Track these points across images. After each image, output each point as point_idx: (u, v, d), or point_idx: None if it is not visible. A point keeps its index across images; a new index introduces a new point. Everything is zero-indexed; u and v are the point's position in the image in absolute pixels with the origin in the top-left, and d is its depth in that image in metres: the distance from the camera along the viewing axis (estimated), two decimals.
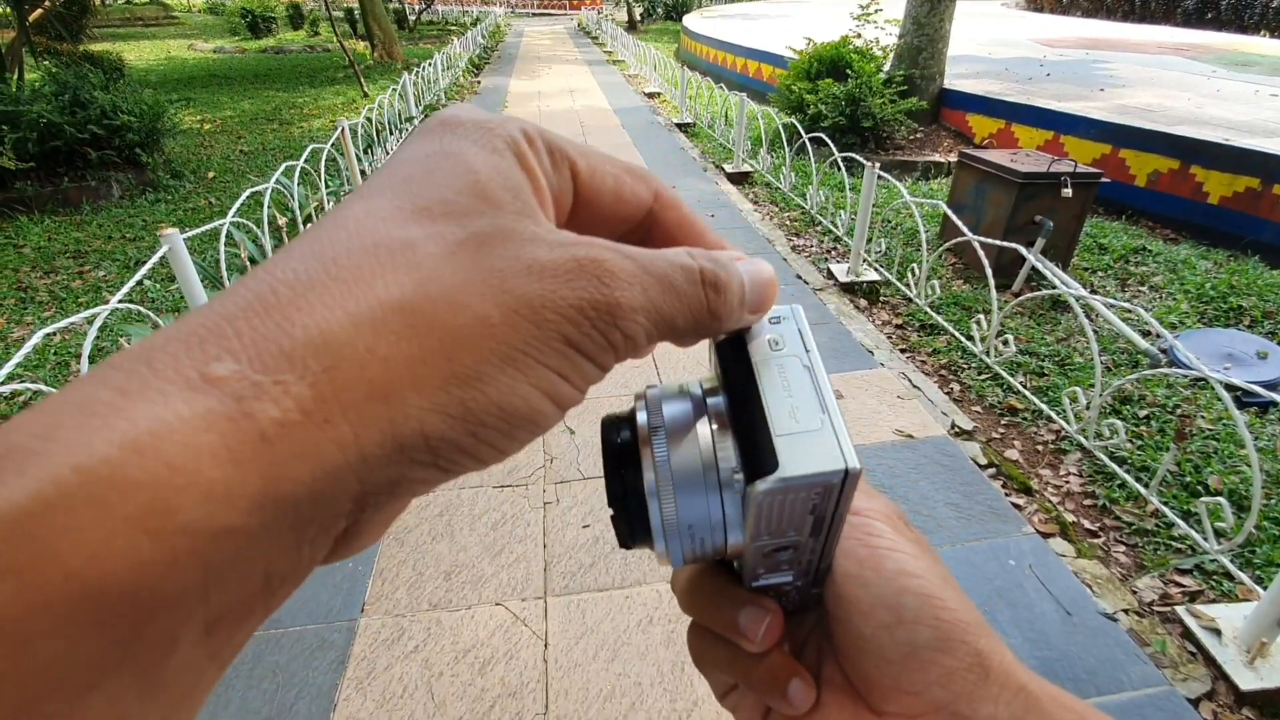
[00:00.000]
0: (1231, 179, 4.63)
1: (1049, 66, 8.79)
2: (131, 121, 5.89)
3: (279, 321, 0.15)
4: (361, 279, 0.16)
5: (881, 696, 0.27)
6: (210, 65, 14.93)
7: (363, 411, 0.15)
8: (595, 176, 0.24)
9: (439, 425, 0.16)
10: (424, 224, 0.18)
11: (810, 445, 0.23)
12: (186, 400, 0.14)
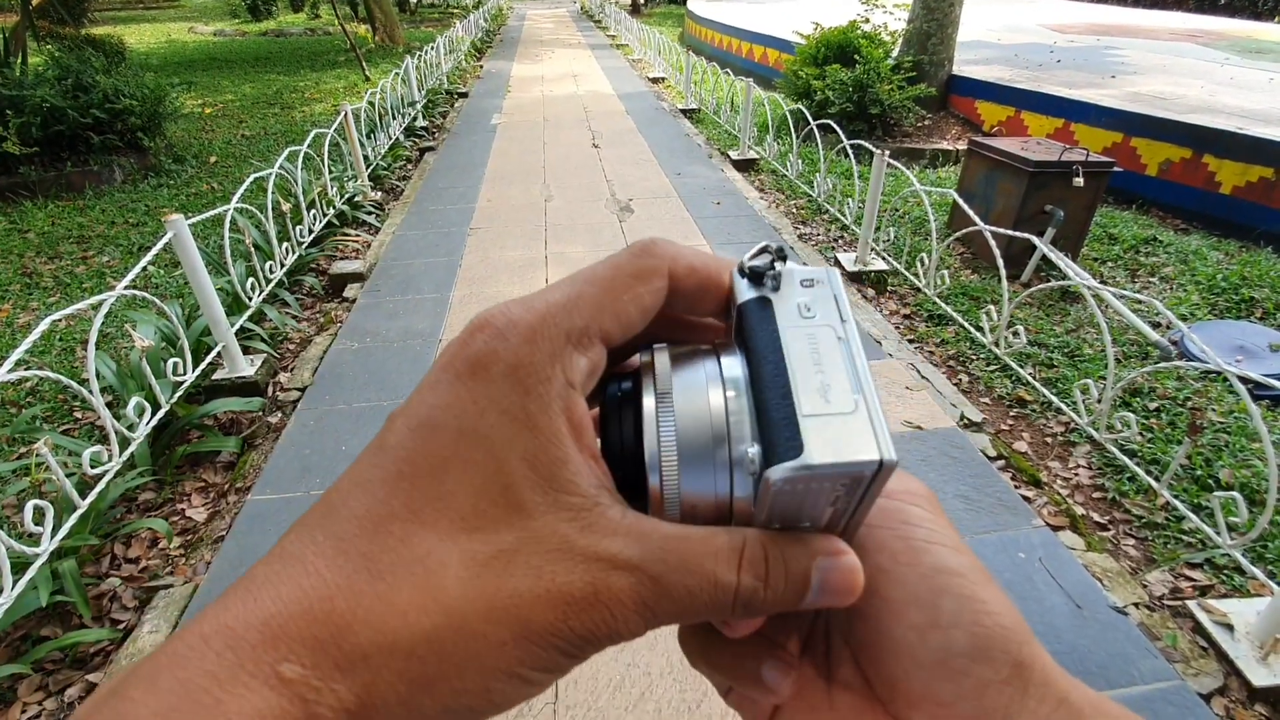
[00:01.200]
0: (1244, 169, 4.57)
1: (1059, 53, 8.69)
2: (133, 105, 5.85)
3: (333, 634, 0.19)
4: (399, 599, 0.20)
5: (906, 703, 0.25)
6: (211, 48, 14.82)
7: (392, 712, 0.19)
8: (627, 326, 0.25)
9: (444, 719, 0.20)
10: (456, 539, 0.21)
11: (841, 430, 0.20)
12: (266, 699, 0.18)
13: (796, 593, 0.23)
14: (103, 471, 2.13)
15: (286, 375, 3.11)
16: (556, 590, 0.20)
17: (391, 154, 6.19)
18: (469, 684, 0.20)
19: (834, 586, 0.23)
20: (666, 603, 0.22)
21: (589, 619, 0.21)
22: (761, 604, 0.23)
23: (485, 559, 0.20)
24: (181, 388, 2.61)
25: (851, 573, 0.23)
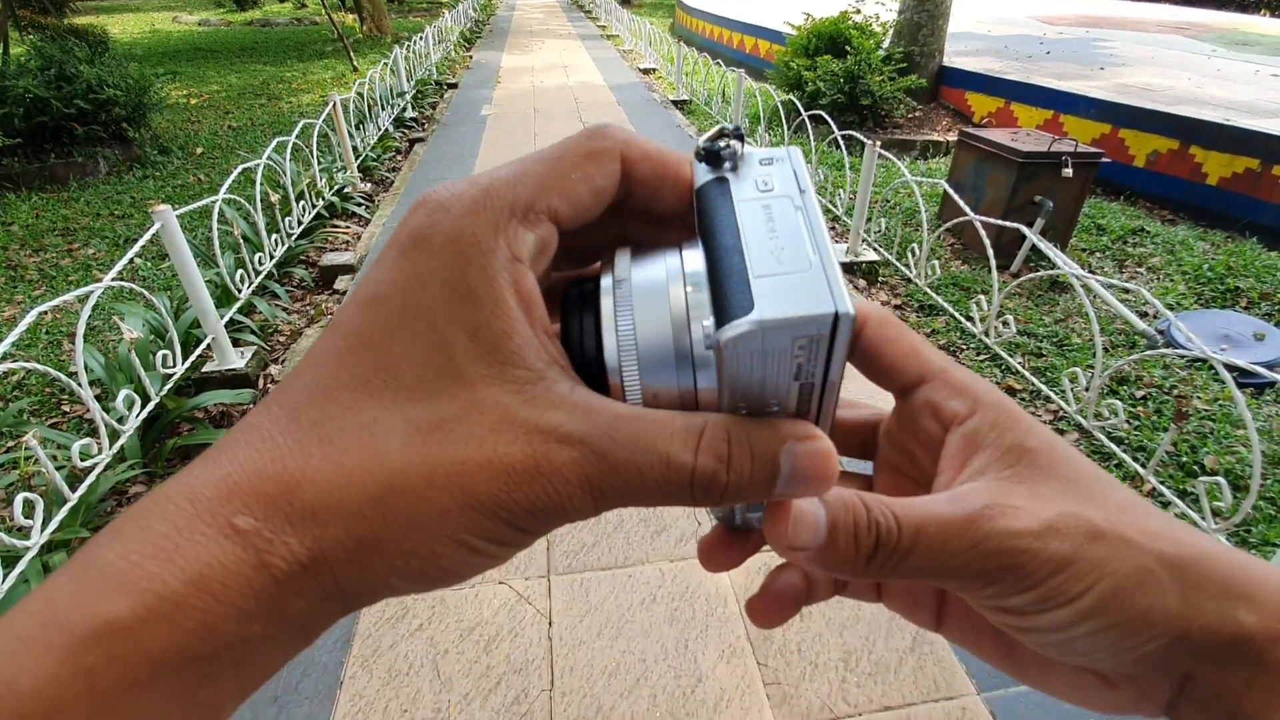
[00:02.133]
0: (1231, 160, 4.62)
1: (1049, 44, 8.72)
2: (118, 96, 5.77)
3: (284, 491, 0.20)
4: (346, 460, 0.20)
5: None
6: (195, 38, 14.63)
7: (343, 569, 0.20)
8: (575, 200, 0.24)
9: (397, 580, 0.21)
10: (401, 407, 0.21)
11: (794, 286, 0.19)
12: (221, 545, 0.19)
13: (764, 479, 0.22)
14: (93, 464, 2.12)
15: (277, 367, 3.09)
16: (498, 460, 0.20)
17: (381, 145, 6.14)
18: (416, 547, 0.20)
19: (805, 472, 0.22)
20: (614, 480, 0.21)
21: (531, 491, 0.21)
22: (723, 489, 0.22)
23: (428, 427, 0.21)
24: (171, 380, 2.59)
25: (824, 456, 0.22)
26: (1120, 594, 0.22)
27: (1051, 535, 0.22)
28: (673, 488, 0.21)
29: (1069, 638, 0.22)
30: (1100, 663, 0.23)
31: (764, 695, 1.66)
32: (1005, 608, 0.23)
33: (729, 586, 1.94)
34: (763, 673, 1.71)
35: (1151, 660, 0.22)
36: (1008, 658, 0.28)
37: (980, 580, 0.22)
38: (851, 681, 1.68)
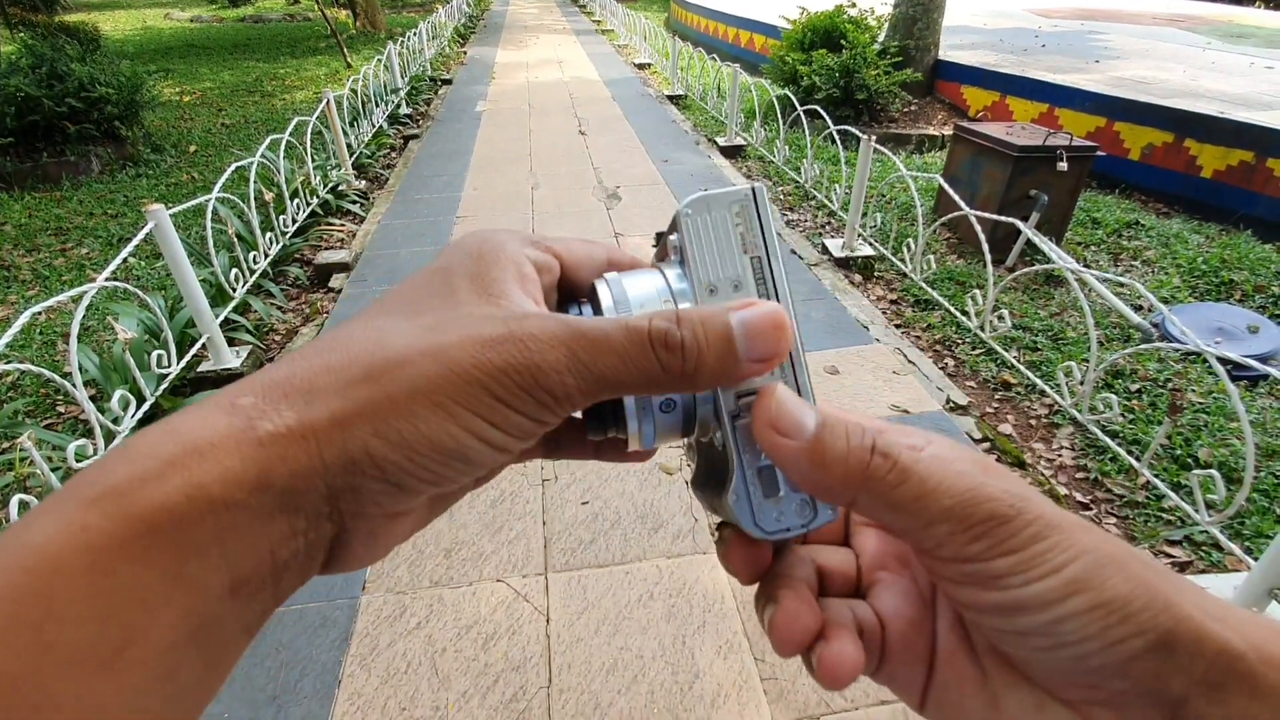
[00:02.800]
0: (1225, 152, 4.63)
1: (1044, 38, 8.72)
2: (109, 94, 5.74)
3: (285, 373, 0.23)
4: (346, 348, 0.24)
5: (1050, 689, 0.25)
6: (187, 35, 14.54)
7: (327, 433, 0.22)
8: (571, 252, 0.31)
9: (379, 447, 0.22)
10: (408, 318, 0.25)
11: (724, 189, 0.28)
12: (218, 418, 0.21)
13: (720, 342, 0.24)
14: (88, 465, 2.11)
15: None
16: (477, 336, 0.23)
17: (375, 142, 6.12)
18: (399, 408, 0.22)
19: (758, 328, 0.25)
20: (584, 342, 0.23)
21: (505, 352, 0.23)
22: (680, 345, 0.24)
23: (423, 325, 0.24)
24: (166, 380, 2.58)
25: (772, 313, 0.25)
26: (1104, 571, 0.22)
27: (1041, 505, 0.23)
28: (636, 347, 0.24)
29: (1056, 618, 0.22)
30: (1090, 658, 0.23)
31: (761, 690, 1.67)
32: (990, 574, 0.23)
33: (725, 583, 1.94)
34: (759, 668, 1.72)
35: (1140, 674, 0.22)
36: (994, 713, 0.27)
37: (967, 533, 0.23)
38: None
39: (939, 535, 0.23)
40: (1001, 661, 0.26)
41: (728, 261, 0.27)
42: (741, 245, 0.27)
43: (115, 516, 0.19)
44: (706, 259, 0.27)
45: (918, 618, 0.28)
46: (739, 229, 0.27)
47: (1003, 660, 0.26)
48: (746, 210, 0.27)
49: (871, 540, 0.31)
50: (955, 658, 0.27)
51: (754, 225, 0.27)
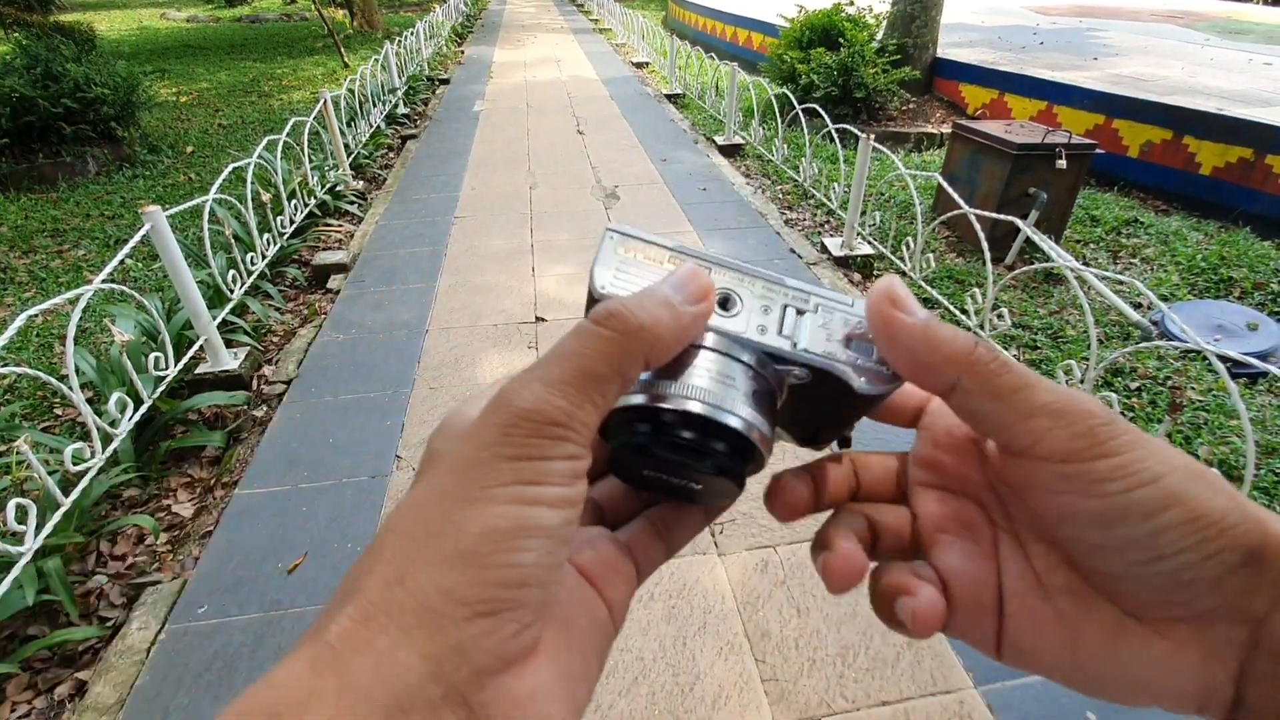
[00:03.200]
0: (1224, 149, 4.62)
1: (1042, 35, 8.71)
2: (105, 94, 5.72)
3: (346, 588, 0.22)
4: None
5: (1138, 607, 0.25)
6: (184, 35, 14.51)
7: (389, 601, 0.20)
8: None
9: (446, 575, 0.20)
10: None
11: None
12: (306, 653, 0.20)
13: (654, 296, 0.25)
14: (85, 468, 2.11)
15: (271, 368, 3.08)
16: (473, 427, 0.23)
17: (373, 142, 6.11)
18: (443, 535, 0.21)
19: (680, 276, 0.26)
20: (543, 364, 0.24)
21: (492, 417, 0.23)
22: (622, 312, 0.24)
23: (434, 472, 0.24)
24: (164, 382, 2.57)
25: (687, 268, 0.27)
26: (1198, 484, 0.23)
27: (1128, 423, 0.24)
28: (585, 335, 0.24)
29: (1156, 529, 0.23)
30: (1185, 572, 0.23)
31: (762, 692, 1.66)
32: (1091, 476, 0.23)
33: (726, 583, 1.94)
34: (760, 669, 1.71)
35: (1232, 589, 0.22)
36: (1073, 658, 0.27)
37: (1068, 429, 0.23)
38: (849, 677, 1.69)
39: (1039, 429, 0.24)
40: (1077, 595, 0.26)
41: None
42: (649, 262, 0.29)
43: None
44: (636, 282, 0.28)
45: (981, 574, 0.29)
46: (636, 254, 0.29)
47: (1078, 592, 0.26)
48: (623, 241, 0.29)
49: (933, 503, 0.31)
50: (1027, 603, 0.28)
51: (640, 244, 0.29)
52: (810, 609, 1.85)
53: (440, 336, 3.25)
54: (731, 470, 0.28)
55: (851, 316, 0.29)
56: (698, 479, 0.28)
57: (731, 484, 0.28)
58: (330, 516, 2.22)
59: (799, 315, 0.29)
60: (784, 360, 0.28)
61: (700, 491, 0.29)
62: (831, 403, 0.29)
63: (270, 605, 1.93)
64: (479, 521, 0.21)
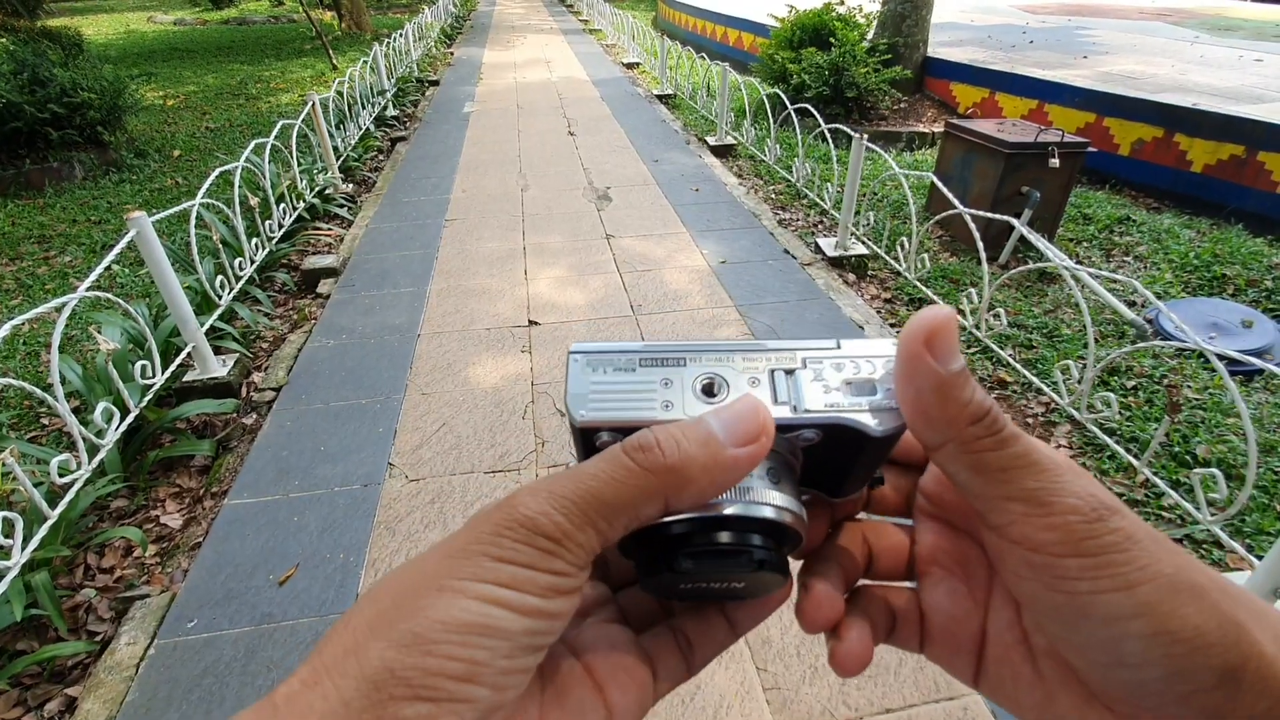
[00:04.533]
0: (1215, 147, 4.63)
1: (1032, 33, 8.73)
2: (92, 99, 5.66)
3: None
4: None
5: (1103, 699, 0.25)
6: (171, 38, 14.39)
7: (339, 666, 0.20)
8: None
9: (395, 655, 0.20)
10: None
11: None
12: (254, 712, 0.20)
13: (699, 432, 0.24)
14: (72, 480, 2.07)
15: (260, 375, 3.04)
16: (476, 519, 0.24)
17: (362, 145, 6.06)
18: (405, 609, 0.21)
19: (735, 413, 0.25)
20: (561, 478, 0.23)
21: (493, 516, 0.23)
22: (657, 448, 0.23)
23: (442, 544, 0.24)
24: (151, 391, 2.53)
25: (746, 399, 0.26)
26: (1178, 598, 0.21)
27: (1127, 518, 0.23)
28: (612, 462, 0.23)
29: (1119, 636, 0.22)
30: (1149, 684, 0.22)
31: (764, 701, 1.64)
32: (1057, 572, 0.23)
33: None
34: (762, 678, 1.69)
35: (1202, 706, 0.22)
36: (1048, 707, 0.27)
37: (1044, 520, 0.23)
38: (851, 684, 1.67)
39: (1013, 513, 0.23)
40: (1059, 662, 0.26)
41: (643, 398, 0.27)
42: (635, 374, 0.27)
43: None
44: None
45: (963, 615, 0.29)
46: (607, 370, 0.27)
47: (1060, 664, 0.26)
48: (589, 361, 0.27)
49: (931, 534, 0.31)
50: (1010, 657, 0.28)
51: (608, 357, 0.27)
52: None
53: (432, 341, 3.21)
54: (773, 561, 0.27)
55: (842, 360, 0.28)
56: (739, 579, 0.28)
57: (776, 575, 0.27)
58: (322, 526, 2.19)
59: (789, 376, 0.27)
60: (790, 428, 0.27)
61: (744, 589, 0.29)
62: (850, 451, 0.28)
63: (261, 618, 1.89)
64: (442, 609, 0.21)
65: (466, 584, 0.21)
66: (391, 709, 0.20)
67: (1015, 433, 0.24)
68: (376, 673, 0.20)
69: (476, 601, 0.21)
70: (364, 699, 0.20)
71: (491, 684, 0.21)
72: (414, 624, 0.20)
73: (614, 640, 0.29)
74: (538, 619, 0.22)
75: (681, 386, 0.27)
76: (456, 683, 0.20)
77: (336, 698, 0.20)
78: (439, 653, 0.20)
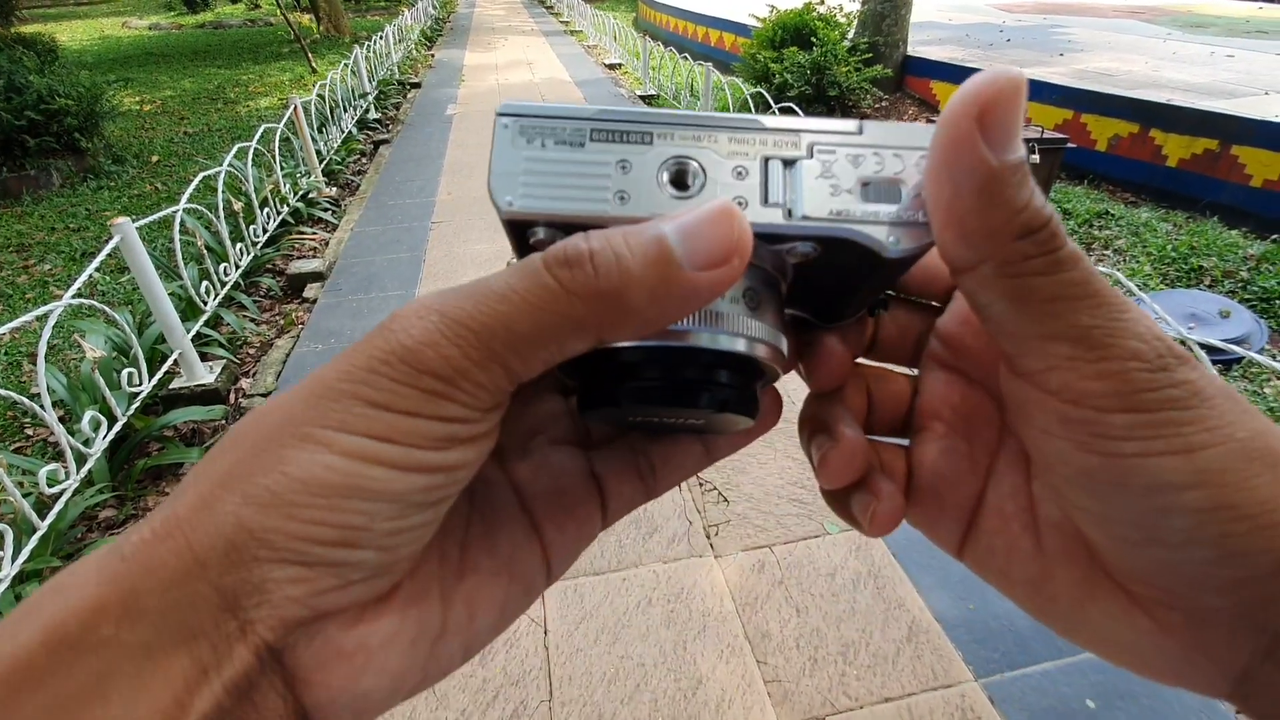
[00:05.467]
0: (1190, 141, 4.73)
1: (1009, 32, 8.86)
2: (69, 105, 5.56)
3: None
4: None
5: (1120, 579, 0.21)
6: (146, 43, 14.20)
7: (192, 521, 0.17)
8: None
9: (252, 515, 0.17)
10: None
11: None
12: (99, 553, 0.18)
13: (648, 246, 0.18)
14: (60, 490, 2.04)
15: (249, 381, 3.01)
16: (349, 348, 0.19)
17: (345, 148, 6.01)
18: (262, 461, 0.18)
19: (699, 223, 0.19)
20: (457, 297, 0.19)
21: (368, 345, 0.19)
22: (588, 260, 0.18)
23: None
24: (138, 399, 2.50)
25: (717, 204, 0.19)
26: (1250, 467, 0.17)
27: (1197, 370, 0.18)
28: (526, 278, 0.18)
29: (1164, 508, 0.18)
30: (1189, 566, 0.19)
31: (765, 693, 1.65)
32: (1100, 428, 0.18)
33: (724, 585, 1.93)
34: (762, 670, 1.70)
35: (1250, 597, 0.18)
36: (1037, 592, 0.23)
37: (1094, 364, 0.18)
38: (851, 675, 1.69)
39: (1055, 356, 0.18)
40: (1067, 539, 0.22)
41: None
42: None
43: None
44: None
45: (958, 478, 0.25)
46: (548, 142, 0.21)
47: (1069, 537, 0.22)
48: (521, 127, 0.21)
49: (939, 384, 0.26)
50: (1007, 528, 0.24)
51: (548, 124, 0.21)
52: (809, 607, 1.85)
53: None
54: (740, 402, 0.22)
55: (861, 151, 0.21)
56: (698, 417, 0.23)
57: (743, 416, 0.23)
58: None
59: (788, 168, 0.21)
60: (780, 238, 0.20)
61: (703, 425, 0.24)
62: (853, 272, 0.22)
63: None
64: (304, 466, 0.17)
65: (333, 435, 0.17)
66: (257, 571, 0.17)
67: (1075, 253, 0.18)
68: (233, 531, 0.17)
69: (343, 458, 0.17)
70: (223, 560, 0.17)
71: (377, 545, 0.18)
72: (271, 480, 0.17)
73: (560, 467, 0.25)
74: (430, 474, 0.18)
75: (643, 172, 0.20)
76: (329, 548, 0.17)
77: (190, 555, 0.17)
78: (302, 517, 0.17)
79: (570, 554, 0.25)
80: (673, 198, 0.20)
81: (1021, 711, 1.60)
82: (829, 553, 2.01)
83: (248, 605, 0.17)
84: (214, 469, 0.18)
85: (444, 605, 0.21)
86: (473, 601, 0.22)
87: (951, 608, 1.84)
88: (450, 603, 0.21)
